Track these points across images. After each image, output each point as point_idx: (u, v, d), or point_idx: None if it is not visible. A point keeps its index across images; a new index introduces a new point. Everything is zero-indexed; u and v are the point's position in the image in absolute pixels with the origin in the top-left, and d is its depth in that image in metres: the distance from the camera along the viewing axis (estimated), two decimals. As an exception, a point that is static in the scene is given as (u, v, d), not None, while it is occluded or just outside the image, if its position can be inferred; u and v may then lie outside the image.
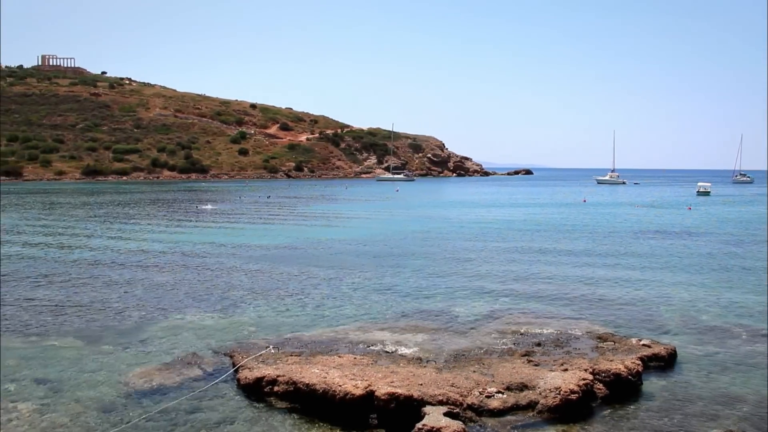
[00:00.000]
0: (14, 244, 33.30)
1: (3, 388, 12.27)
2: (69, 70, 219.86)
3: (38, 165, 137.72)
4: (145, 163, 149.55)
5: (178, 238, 36.26)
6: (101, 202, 68.43)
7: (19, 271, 25.23)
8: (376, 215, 54.13)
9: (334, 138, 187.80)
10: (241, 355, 13.64)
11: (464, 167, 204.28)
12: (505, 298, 20.39)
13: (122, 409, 11.36)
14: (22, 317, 17.74)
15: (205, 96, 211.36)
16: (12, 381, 12.63)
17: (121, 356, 14.29)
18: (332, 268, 25.76)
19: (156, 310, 18.57)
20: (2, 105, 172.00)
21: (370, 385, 11.05)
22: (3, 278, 23.58)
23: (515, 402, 11.13)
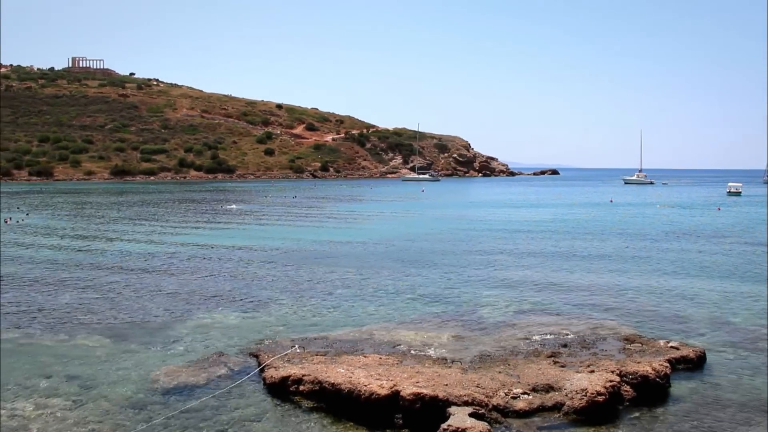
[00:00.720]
0: (45, 244, 33.81)
1: (36, 384, 12.48)
2: (98, 71, 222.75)
3: (68, 165, 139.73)
4: (172, 163, 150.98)
5: (204, 238, 36.54)
6: (129, 202, 69.21)
7: (50, 269, 25.61)
8: (402, 215, 54.10)
9: (360, 138, 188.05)
10: (267, 355, 13.71)
11: (490, 167, 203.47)
12: (532, 298, 20.27)
13: (150, 406, 11.47)
14: (53, 315, 18.01)
15: (231, 96, 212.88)
16: (44, 378, 12.83)
17: (148, 355, 14.44)
18: (357, 268, 25.79)
19: (183, 310, 18.73)
20: (34, 106, 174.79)
21: (395, 385, 11.04)
22: (34, 277, 23.94)
23: (541, 403, 11.05)
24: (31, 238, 36.04)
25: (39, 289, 21.78)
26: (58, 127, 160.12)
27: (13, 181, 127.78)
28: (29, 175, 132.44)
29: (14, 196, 79.22)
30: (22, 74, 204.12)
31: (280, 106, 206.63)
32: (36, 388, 12.27)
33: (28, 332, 16.22)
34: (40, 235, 37.97)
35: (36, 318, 17.70)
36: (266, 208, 61.05)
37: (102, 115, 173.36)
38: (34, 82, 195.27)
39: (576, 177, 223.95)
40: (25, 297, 20.43)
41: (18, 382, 12.59)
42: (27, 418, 10.91)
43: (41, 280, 23.44)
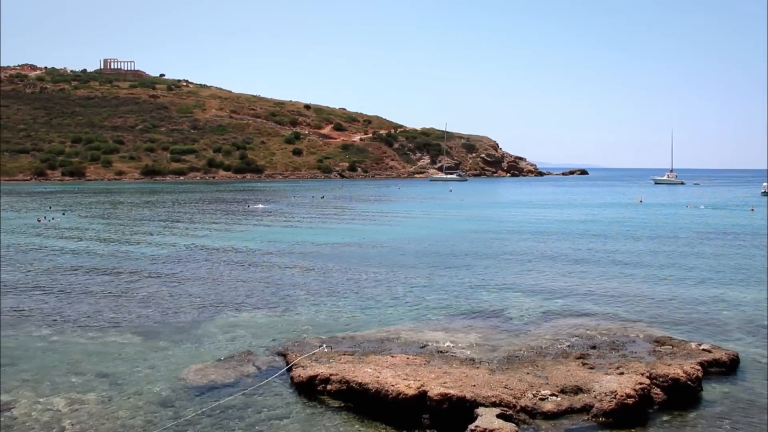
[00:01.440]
0: (77, 243, 34.33)
1: (69, 380, 12.68)
2: (129, 73, 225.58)
3: (100, 165, 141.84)
4: (201, 163, 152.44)
5: (233, 237, 36.84)
6: (159, 202, 70.00)
7: (82, 267, 25.99)
8: (430, 215, 54.04)
9: (388, 138, 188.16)
10: (295, 354, 13.77)
11: (518, 167, 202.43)
12: (560, 299, 20.12)
13: (179, 403, 11.59)
14: (85, 313, 18.27)
15: (259, 97, 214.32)
16: (76, 374, 13.03)
17: (177, 352, 14.59)
18: (385, 268, 25.81)
19: (211, 308, 18.89)
20: (67, 107, 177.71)
21: (422, 386, 11.03)
22: (67, 275, 24.32)
23: (569, 405, 10.96)
24: (64, 237, 36.61)
25: (71, 286, 22.12)
26: (90, 128, 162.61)
27: (47, 181, 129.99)
28: (62, 175, 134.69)
29: (48, 196, 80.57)
30: (56, 76, 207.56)
31: (308, 107, 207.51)
32: (69, 385, 12.46)
33: (60, 330, 16.49)
34: (73, 234, 38.56)
35: (68, 316, 17.98)
36: (294, 208, 61.35)
37: (132, 116, 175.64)
38: (67, 84, 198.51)
39: (605, 177, 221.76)
40: (58, 294, 20.76)
41: (51, 378, 12.80)
42: (61, 413, 11.09)
43: (74, 278, 23.80)
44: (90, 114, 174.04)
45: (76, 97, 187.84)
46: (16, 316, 17.94)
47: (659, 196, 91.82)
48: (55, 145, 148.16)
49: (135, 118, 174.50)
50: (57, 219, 47.71)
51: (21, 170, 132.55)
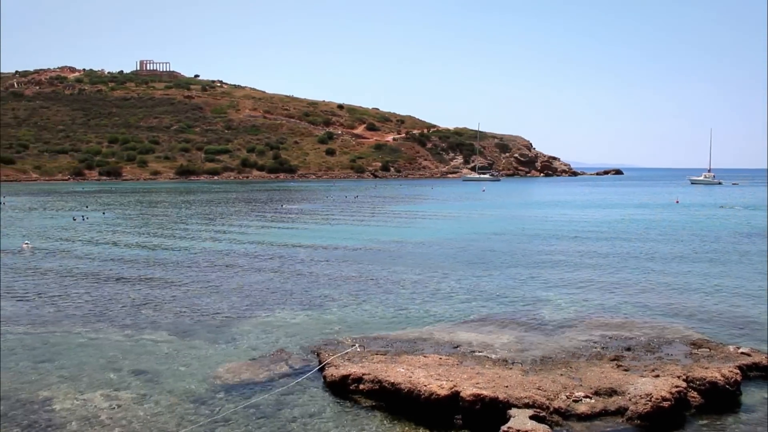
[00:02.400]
0: (113, 241, 34.88)
1: (105, 377, 12.89)
2: (164, 74, 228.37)
3: (136, 165, 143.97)
4: (235, 163, 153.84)
5: (267, 236, 37.11)
6: (194, 202, 70.80)
7: (117, 266, 26.40)
8: (463, 215, 53.85)
9: (421, 138, 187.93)
10: (328, 353, 13.82)
11: (552, 167, 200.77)
12: (594, 300, 19.91)
13: (213, 401, 11.72)
14: (121, 311, 18.56)
15: (293, 97, 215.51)
16: (112, 371, 13.25)
17: (211, 351, 14.74)
18: (418, 268, 25.79)
19: (245, 307, 19.05)
20: (105, 108, 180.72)
21: (455, 386, 11.01)
22: (102, 273, 24.72)
23: (603, 407, 10.85)
24: (101, 236, 37.21)
25: (107, 284, 22.48)
26: (126, 129, 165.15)
27: (84, 180, 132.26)
28: (99, 175, 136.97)
29: (86, 196, 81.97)
30: (94, 78, 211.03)
31: (341, 107, 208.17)
32: (106, 381, 12.67)
33: (96, 327, 16.76)
34: (111, 233, 39.18)
35: (105, 313, 18.27)
36: (328, 208, 61.60)
37: (168, 117, 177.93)
38: (104, 85, 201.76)
39: (640, 177, 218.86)
40: (94, 292, 21.11)
41: (88, 374, 13.02)
42: (98, 409, 11.28)
43: (110, 276, 24.18)
44: (126, 115, 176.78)
45: (113, 98, 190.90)
46: (55, 313, 18.29)
47: (696, 196, 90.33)
48: (93, 146, 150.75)
49: (170, 119, 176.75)
50: (91, 218, 48.51)
51: (60, 170, 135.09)
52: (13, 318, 17.70)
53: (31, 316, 17.96)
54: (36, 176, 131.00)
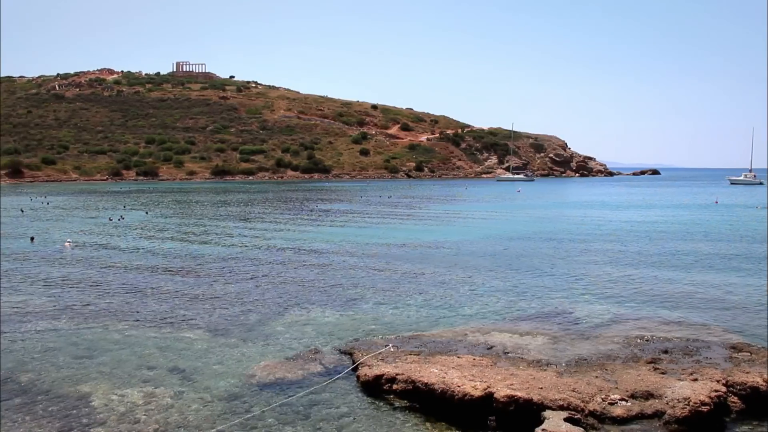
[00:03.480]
0: (150, 240, 35.37)
1: (143, 374, 13.09)
2: (200, 75, 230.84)
3: (172, 165, 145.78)
4: (270, 163, 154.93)
5: (301, 236, 37.31)
6: (230, 201, 71.47)
7: (155, 265, 26.76)
8: (497, 216, 53.57)
9: (455, 138, 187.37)
10: (361, 353, 13.85)
11: (587, 167, 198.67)
12: (631, 302, 19.66)
13: (247, 399, 11.82)
14: (157, 309, 18.81)
15: (327, 97, 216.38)
16: (150, 368, 13.44)
17: (246, 349, 14.86)
18: (452, 268, 25.71)
19: (279, 306, 19.18)
20: (142, 109, 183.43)
21: (489, 387, 10.96)
22: (140, 271, 25.09)
23: (640, 411, 10.69)
24: (140, 235, 37.77)
25: (145, 282, 22.81)
26: (163, 129, 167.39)
27: (122, 180, 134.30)
28: (136, 175, 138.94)
29: (125, 195, 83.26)
30: (132, 79, 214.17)
31: (375, 107, 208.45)
32: (143, 378, 12.86)
33: (134, 324, 17.02)
34: (147, 231, 39.74)
35: (142, 311, 18.54)
36: (362, 208, 61.72)
37: (203, 117, 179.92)
38: (142, 87, 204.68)
39: (678, 177, 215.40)
40: (132, 290, 21.44)
41: (126, 371, 13.23)
42: (135, 405, 11.46)
43: (147, 274, 24.53)
44: (163, 116, 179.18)
45: (150, 99, 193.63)
46: (94, 310, 18.61)
47: (736, 197, 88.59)
48: (130, 146, 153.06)
49: (206, 119, 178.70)
50: (128, 218, 49.29)
51: (99, 170, 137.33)
52: (55, 314, 18.07)
53: (71, 313, 18.30)
54: (76, 176, 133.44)
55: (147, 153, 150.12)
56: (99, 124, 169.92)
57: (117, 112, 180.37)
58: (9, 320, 17.49)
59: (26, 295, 20.83)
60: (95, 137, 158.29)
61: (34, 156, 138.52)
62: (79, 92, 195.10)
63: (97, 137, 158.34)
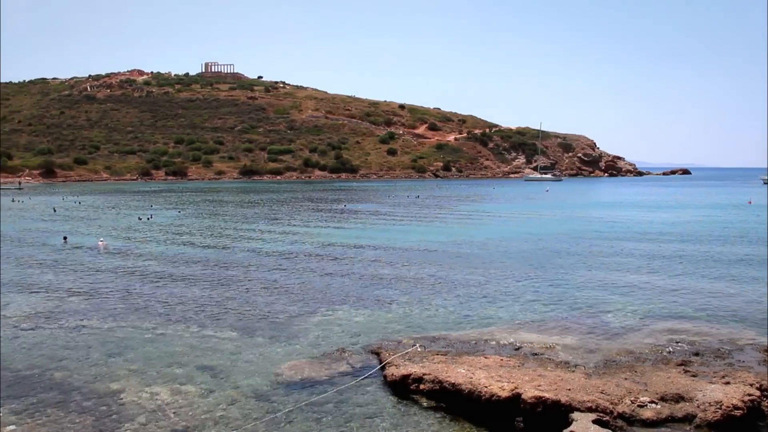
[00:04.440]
0: (182, 240, 35.73)
1: (172, 372, 13.23)
2: (229, 75, 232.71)
3: (201, 165, 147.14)
4: (297, 163, 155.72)
5: (328, 236, 37.42)
6: (257, 201, 71.94)
7: (183, 264, 27.02)
8: (525, 216, 53.25)
9: (482, 138, 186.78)
10: (388, 353, 13.86)
11: (616, 167, 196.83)
12: (661, 303, 19.42)
13: (274, 398, 11.89)
14: (186, 307, 19.00)
15: (355, 97, 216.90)
16: (179, 366, 13.58)
17: (273, 348, 14.95)
18: (479, 269, 25.62)
19: (307, 306, 19.26)
20: (171, 110, 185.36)
21: (516, 388, 10.90)
22: (169, 271, 25.34)
23: (670, 414, 10.55)
24: (169, 234, 38.16)
25: (174, 281, 23.05)
26: (191, 129, 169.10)
27: (151, 180, 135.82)
28: (165, 175, 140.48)
29: (154, 195, 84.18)
30: (161, 80, 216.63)
31: (402, 107, 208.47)
32: (172, 376, 13.00)
33: (164, 322, 17.20)
34: (177, 231, 40.14)
35: (171, 309, 18.73)
36: (389, 208, 61.74)
37: (232, 117, 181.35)
38: (171, 87, 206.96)
39: (709, 177, 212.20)
40: (162, 289, 21.67)
41: (156, 369, 13.38)
42: (164, 402, 11.59)
43: (176, 273, 24.78)
44: (192, 116, 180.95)
45: (179, 99, 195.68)
46: (125, 308, 18.84)
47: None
48: (160, 146, 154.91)
49: (234, 120, 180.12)
50: (159, 217, 49.84)
51: (129, 170, 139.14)
52: (87, 312, 18.34)
53: (103, 311, 18.56)
54: (106, 176, 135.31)
55: (176, 153, 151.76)
56: (129, 124, 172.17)
57: (147, 112, 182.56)
58: (44, 318, 17.80)
59: (60, 293, 21.17)
60: (125, 137, 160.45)
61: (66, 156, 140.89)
62: (110, 93, 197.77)
63: (127, 137, 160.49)
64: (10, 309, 18.84)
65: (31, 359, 14.14)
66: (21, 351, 14.78)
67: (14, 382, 12.71)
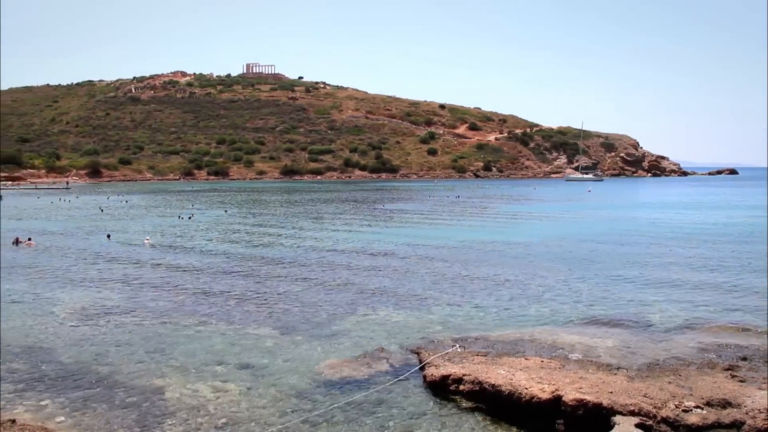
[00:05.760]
0: (224, 239, 36.16)
1: (212, 369, 13.38)
2: (270, 76, 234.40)
3: (242, 165, 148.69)
4: (337, 163, 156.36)
5: (369, 236, 37.49)
6: (298, 201, 72.43)
7: (226, 263, 27.32)
8: (567, 216, 52.71)
9: (523, 137, 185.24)
10: (428, 353, 13.82)
11: (660, 167, 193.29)
12: (706, 306, 19.02)
13: (314, 397, 11.94)
14: (226, 305, 19.21)
15: (395, 97, 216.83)
16: (220, 364, 13.74)
17: (313, 347, 15.01)
18: (520, 269, 25.41)
19: (347, 305, 19.31)
20: (213, 111, 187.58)
21: (557, 390, 10.78)
22: (211, 270, 25.65)
23: (716, 419, 10.29)
24: (212, 233, 38.65)
25: (216, 279, 23.33)
26: (233, 130, 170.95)
27: (194, 180, 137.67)
28: (207, 175, 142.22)
29: (197, 194, 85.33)
30: (203, 81, 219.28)
31: (443, 106, 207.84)
32: (213, 373, 13.15)
33: (204, 321, 17.40)
34: (220, 230, 40.64)
35: (212, 307, 18.95)
36: (429, 208, 61.65)
37: (273, 118, 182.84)
38: (213, 88, 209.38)
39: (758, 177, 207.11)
40: (204, 288, 21.94)
41: (197, 366, 13.55)
42: (206, 399, 11.73)
43: (218, 271, 25.08)
44: (233, 116, 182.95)
45: (221, 100, 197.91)
46: (167, 307, 19.12)
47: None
48: (202, 147, 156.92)
49: (275, 120, 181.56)
50: (200, 216, 50.52)
51: (171, 170, 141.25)
52: (131, 309, 18.67)
53: (147, 308, 18.88)
54: (150, 176, 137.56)
55: (218, 153, 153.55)
56: (172, 125, 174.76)
57: (189, 113, 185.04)
58: (90, 314, 18.16)
59: (105, 290, 21.59)
60: (168, 138, 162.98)
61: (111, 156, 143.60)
62: (153, 94, 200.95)
63: (170, 138, 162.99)
64: (58, 305, 19.28)
65: (78, 354, 14.45)
66: (68, 346, 15.10)
67: (62, 375, 13.01)
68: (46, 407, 11.44)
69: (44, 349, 14.89)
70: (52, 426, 10.56)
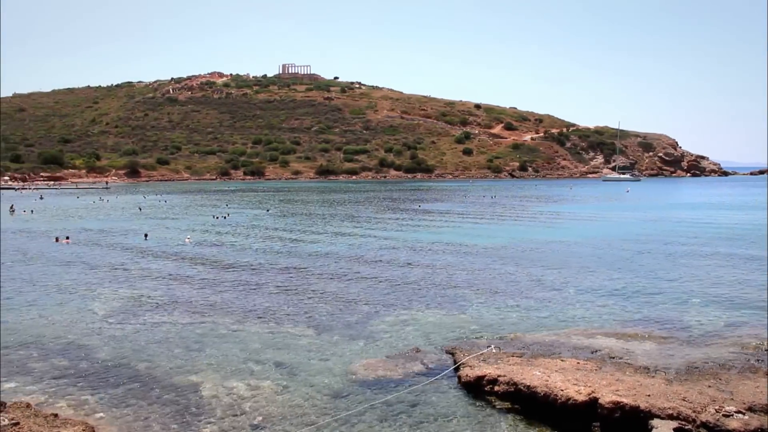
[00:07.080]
0: (263, 238, 36.45)
1: (249, 368, 13.49)
2: (305, 76, 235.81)
3: (278, 165, 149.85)
4: (373, 163, 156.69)
5: (404, 236, 37.48)
6: (334, 200, 72.73)
7: (264, 262, 27.54)
8: (604, 216, 52.07)
9: (559, 137, 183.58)
10: (463, 353, 13.77)
11: (699, 167, 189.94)
12: (747, 308, 18.64)
13: (349, 396, 11.97)
14: (262, 304, 19.35)
15: (430, 97, 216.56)
16: (256, 362, 13.86)
17: (348, 346, 15.06)
18: (557, 270, 25.18)
19: (381, 305, 19.32)
20: (249, 111, 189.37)
21: (593, 392, 10.66)
22: (248, 270, 25.87)
23: (759, 425, 10.04)
24: (251, 232, 39.00)
25: (252, 278, 23.53)
26: (269, 130, 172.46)
27: (230, 179, 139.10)
28: (243, 175, 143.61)
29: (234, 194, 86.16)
30: (240, 82, 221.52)
31: (478, 106, 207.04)
32: (248, 371, 13.27)
33: (241, 320, 17.56)
34: (258, 229, 40.98)
35: (248, 306, 19.12)
36: (465, 208, 61.43)
37: (308, 118, 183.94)
38: (249, 89, 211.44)
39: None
40: (240, 286, 22.15)
41: (233, 364, 13.68)
42: (241, 397, 11.84)
43: (255, 270, 25.29)
44: (269, 117, 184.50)
45: (257, 100, 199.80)
46: (204, 305, 19.34)
47: None
48: (238, 147, 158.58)
49: (311, 120, 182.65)
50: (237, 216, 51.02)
51: (208, 170, 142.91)
52: (169, 307, 18.93)
53: (183, 306, 19.12)
54: (187, 176, 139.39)
55: (254, 153, 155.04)
56: (209, 125, 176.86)
57: (226, 113, 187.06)
58: (128, 312, 18.47)
59: (143, 288, 21.92)
60: (205, 138, 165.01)
61: (149, 156, 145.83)
62: (190, 95, 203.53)
63: (207, 138, 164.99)
64: (97, 303, 19.63)
65: (117, 351, 14.70)
66: (107, 343, 15.37)
67: (101, 372, 13.25)
68: (87, 403, 11.66)
69: (84, 345, 15.18)
70: (92, 422, 10.75)
